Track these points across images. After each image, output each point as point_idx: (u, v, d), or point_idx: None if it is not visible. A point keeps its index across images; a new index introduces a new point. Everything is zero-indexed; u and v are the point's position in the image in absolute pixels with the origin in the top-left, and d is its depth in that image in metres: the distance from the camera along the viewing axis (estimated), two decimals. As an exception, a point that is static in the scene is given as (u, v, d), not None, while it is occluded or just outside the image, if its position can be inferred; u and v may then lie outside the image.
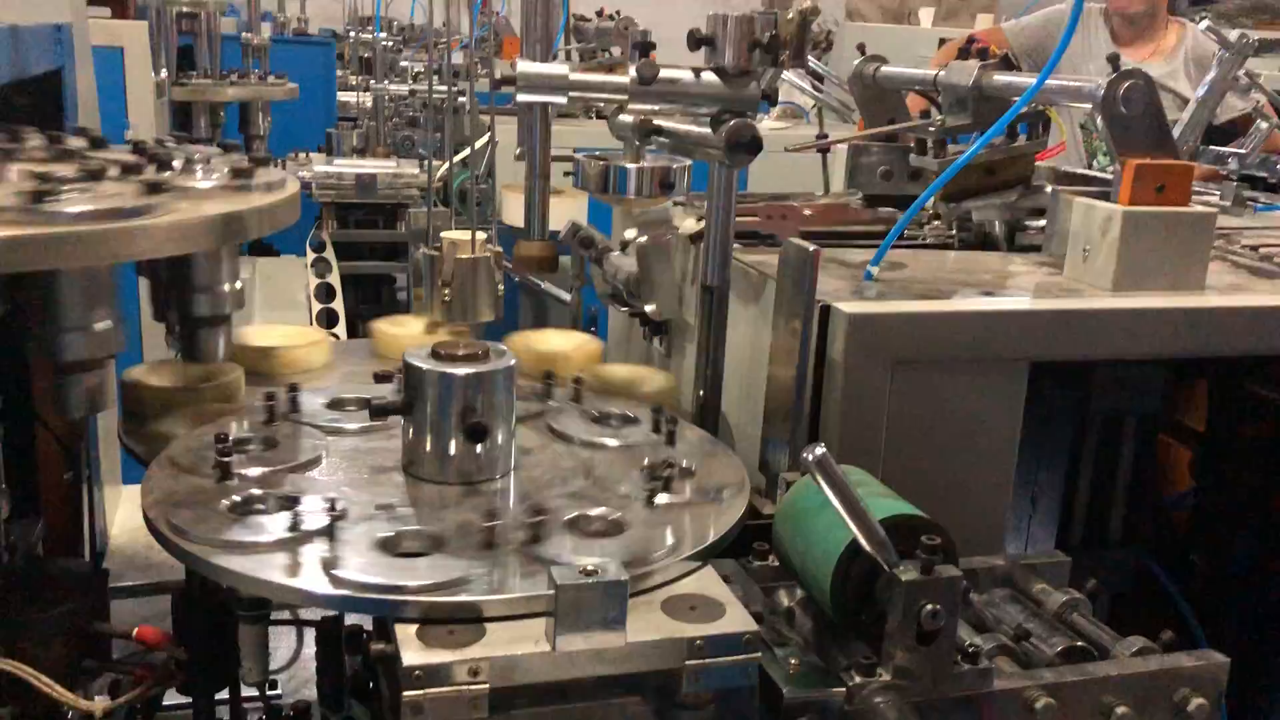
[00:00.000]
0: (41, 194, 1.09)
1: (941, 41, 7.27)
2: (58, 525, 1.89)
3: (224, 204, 1.29)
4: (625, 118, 1.48)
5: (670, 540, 1.21)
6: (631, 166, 1.46)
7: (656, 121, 1.49)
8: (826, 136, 2.25)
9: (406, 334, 1.94)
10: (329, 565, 1.11)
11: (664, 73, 1.42)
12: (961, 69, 2.08)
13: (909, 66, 2.42)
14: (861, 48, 2.42)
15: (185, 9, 1.25)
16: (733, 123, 1.42)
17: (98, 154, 1.63)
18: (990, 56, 2.08)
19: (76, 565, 1.64)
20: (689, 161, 1.68)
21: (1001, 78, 2.02)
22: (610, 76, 1.43)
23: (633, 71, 1.40)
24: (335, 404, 1.54)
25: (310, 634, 1.73)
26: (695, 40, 1.43)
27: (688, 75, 1.44)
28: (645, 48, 1.41)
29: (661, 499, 1.30)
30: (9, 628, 1.34)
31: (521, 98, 1.41)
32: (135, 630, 1.47)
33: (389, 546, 1.16)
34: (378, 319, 2.00)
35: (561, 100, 1.41)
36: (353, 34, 6.95)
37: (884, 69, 2.33)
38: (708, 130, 1.47)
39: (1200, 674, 1.30)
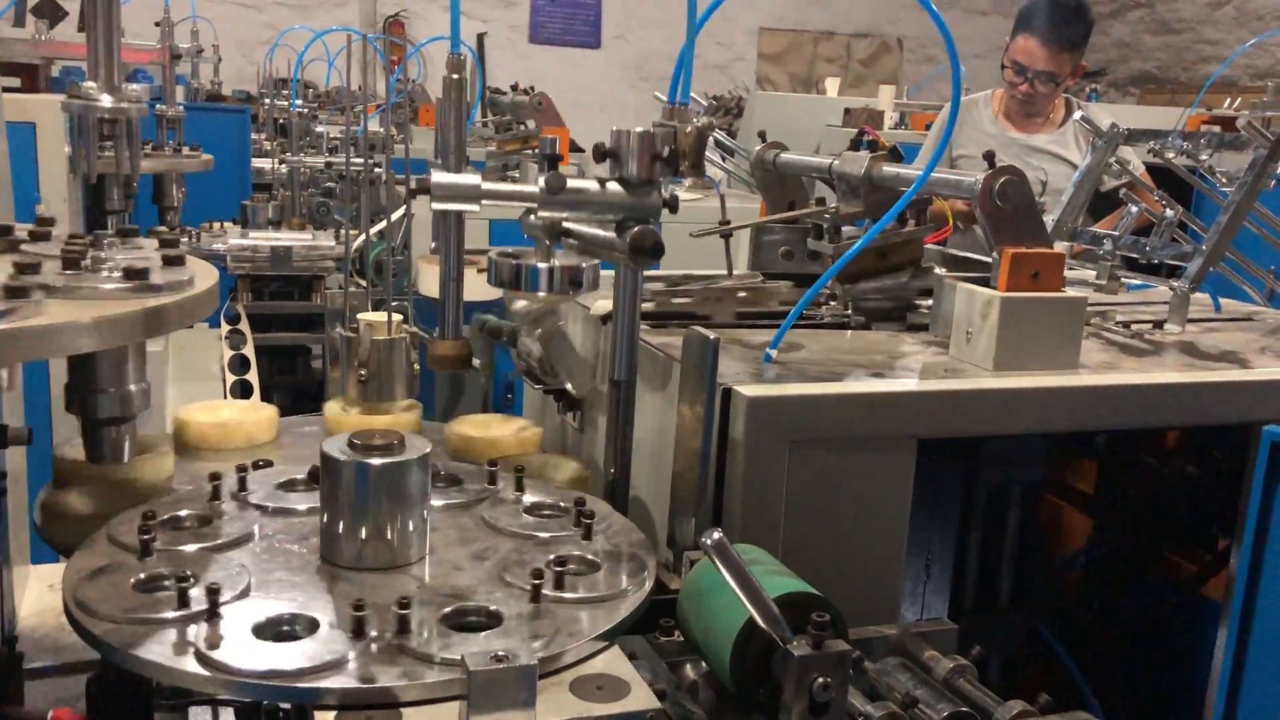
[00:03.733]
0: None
1: (846, 111, 7.57)
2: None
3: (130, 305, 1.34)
4: (536, 220, 1.57)
5: (578, 622, 1.27)
6: (542, 265, 1.55)
7: (565, 224, 1.58)
8: (729, 222, 2.37)
9: (352, 420, 1.97)
10: (243, 653, 1.15)
11: (571, 183, 1.52)
12: (854, 159, 2.22)
13: (816, 137, 2.56)
14: (762, 135, 2.55)
15: (106, 116, 1.29)
16: (636, 229, 1.53)
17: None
18: (880, 148, 2.22)
19: (-11, 652, 1.64)
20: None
21: (890, 169, 2.17)
22: (521, 186, 1.51)
23: (542, 181, 1.49)
24: (281, 484, 1.59)
25: (225, 715, 1.77)
26: (600, 153, 1.53)
27: (594, 185, 1.54)
28: (553, 160, 1.50)
29: (570, 581, 1.36)
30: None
31: (436, 206, 1.49)
32: (50, 714, 1.48)
33: (309, 633, 1.20)
34: (330, 401, 2.05)
35: (475, 208, 1.49)
36: (268, 100, 6.97)
37: (783, 156, 2.46)
38: (613, 234, 1.56)
39: (1073, 734, 1.40)
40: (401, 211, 3.75)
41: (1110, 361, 2.04)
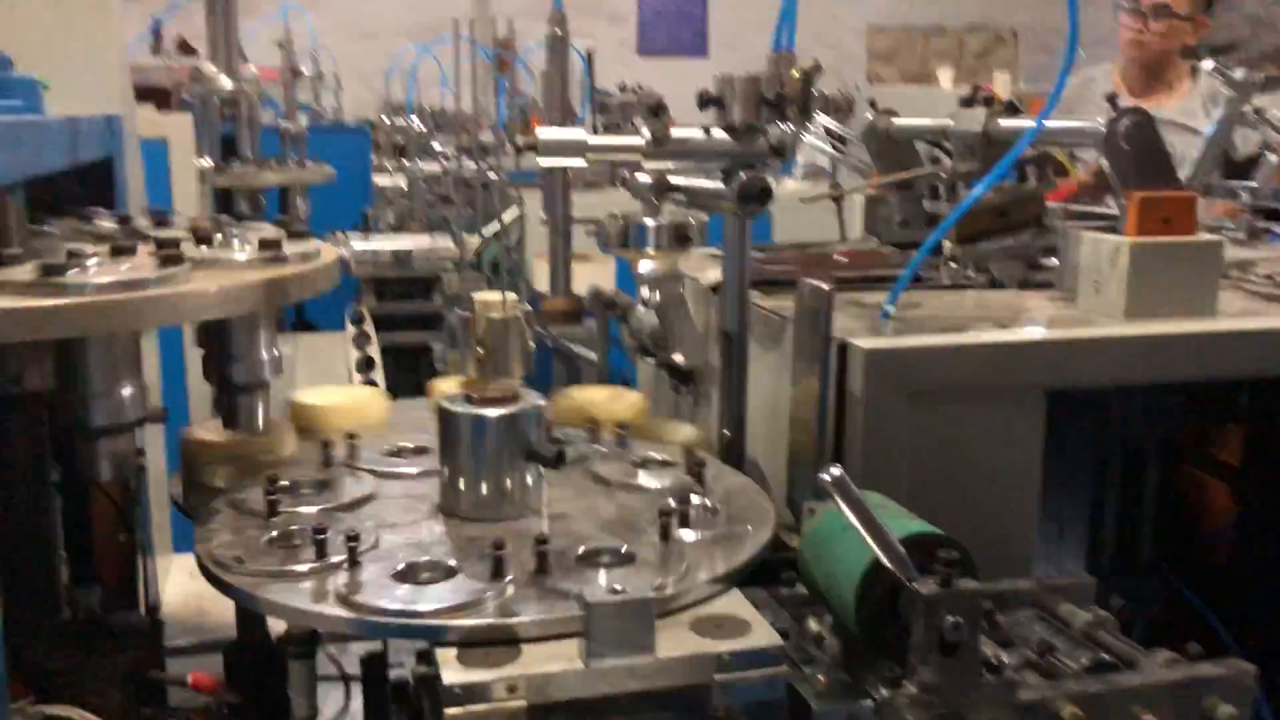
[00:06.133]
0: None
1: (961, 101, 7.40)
2: (114, 587, 1.95)
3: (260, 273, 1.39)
4: (643, 178, 1.57)
5: (698, 564, 1.26)
6: (650, 223, 1.55)
7: (672, 179, 1.58)
8: (839, 186, 2.33)
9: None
10: (375, 597, 1.17)
11: (675, 132, 1.51)
12: (970, 116, 2.16)
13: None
14: (873, 102, 2.51)
15: (226, 97, 1.36)
16: (744, 175, 1.51)
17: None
18: (996, 103, 2.16)
19: (133, 618, 1.70)
20: (705, 216, 1.75)
21: (1008, 123, 2.10)
22: (625, 139, 1.51)
23: (646, 132, 1.48)
24: (389, 452, 1.62)
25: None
26: (704, 100, 1.52)
27: (698, 134, 1.53)
28: (657, 109, 1.49)
29: (691, 528, 1.35)
30: (71, 676, 1.41)
31: (543, 162, 1.50)
32: (189, 677, 1.54)
33: (426, 578, 1.22)
34: (434, 379, 2.09)
35: (580, 162, 1.50)
36: (387, 120, 7.17)
37: (897, 120, 2.41)
38: (720, 184, 1.55)
39: (1228, 681, 1.32)
40: (515, 212, 3.82)
41: (1252, 309, 1.94)
